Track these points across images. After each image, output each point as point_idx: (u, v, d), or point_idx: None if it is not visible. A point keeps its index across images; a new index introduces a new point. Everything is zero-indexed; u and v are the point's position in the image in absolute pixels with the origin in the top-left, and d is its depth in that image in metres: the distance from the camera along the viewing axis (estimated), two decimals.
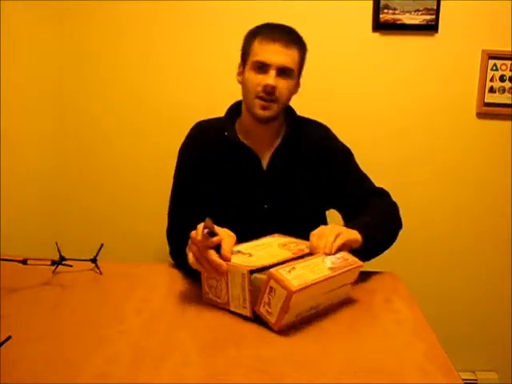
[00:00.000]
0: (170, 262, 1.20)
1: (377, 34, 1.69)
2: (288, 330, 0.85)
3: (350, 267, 0.93)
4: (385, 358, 0.78)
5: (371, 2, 1.66)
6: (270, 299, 0.83)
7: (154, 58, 1.72)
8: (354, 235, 1.01)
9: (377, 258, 1.76)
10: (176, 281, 1.07)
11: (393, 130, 1.76)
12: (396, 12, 1.65)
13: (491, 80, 1.70)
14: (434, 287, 1.80)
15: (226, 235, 0.91)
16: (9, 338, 0.75)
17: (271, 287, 0.82)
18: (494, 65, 1.69)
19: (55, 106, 1.74)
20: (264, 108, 1.15)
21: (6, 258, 1.05)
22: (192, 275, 1.00)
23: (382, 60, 1.71)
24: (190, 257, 0.91)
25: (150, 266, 1.18)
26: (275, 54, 1.13)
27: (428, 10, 1.65)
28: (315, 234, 0.98)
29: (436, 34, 1.68)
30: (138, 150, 1.77)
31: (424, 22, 1.66)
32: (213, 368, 0.75)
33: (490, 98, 1.71)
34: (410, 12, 1.65)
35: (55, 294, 1.02)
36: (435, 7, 1.64)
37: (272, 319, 0.84)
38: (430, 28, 1.66)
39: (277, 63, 1.13)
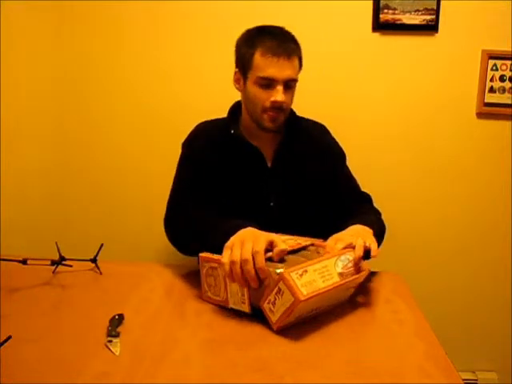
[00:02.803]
0: (170, 262, 1.20)
1: (377, 34, 1.69)
2: (288, 329, 0.85)
3: (358, 275, 0.92)
4: (385, 357, 0.78)
5: (371, 2, 1.66)
6: (276, 299, 0.83)
7: (154, 57, 1.72)
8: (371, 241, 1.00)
9: (377, 258, 1.77)
10: (176, 281, 1.07)
11: (393, 130, 1.76)
12: (396, 12, 1.65)
13: (491, 80, 1.70)
14: (434, 287, 1.80)
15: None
16: (9, 338, 0.75)
17: (280, 289, 0.82)
18: (494, 65, 1.69)
19: (55, 106, 1.74)
20: (273, 120, 1.17)
21: (5, 258, 1.05)
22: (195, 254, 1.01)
23: (382, 60, 1.71)
24: (226, 257, 0.89)
25: (150, 266, 1.17)
26: (281, 69, 1.12)
27: (428, 10, 1.65)
28: (335, 238, 0.98)
29: (436, 34, 1.68)
30: (138, 150, 1.77)
31: (424, 22, 1.66)
32: (213, 368, 0.75)
33: (489, 98, 1.70)
34: (409, 12, 1.65)
35: (55, 294, 1.02)
36: (435, 7, 1.64)
37: (273, 318, 0.84)
38: (430, 28, 1.66)
39: (284, 78, 1.13)
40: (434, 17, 1.65)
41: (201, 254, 0.96)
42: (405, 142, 1.77)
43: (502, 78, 1.70)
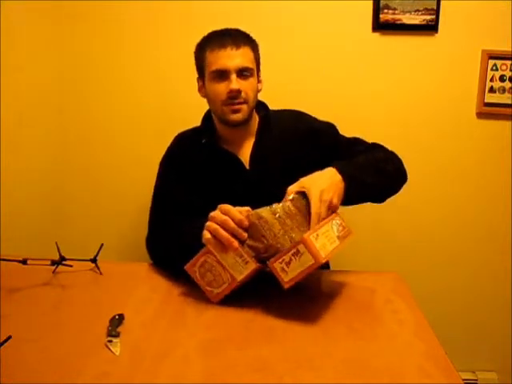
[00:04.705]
0: None
1: (377, 34, 1.69)
2: (288, 329, 0.85)
3: (348, 236, 0.98)
4: (385, 357, 0.78)
5: (371, 2, 1.66)
6: (291, 260, 0.85)
7: (154, 57, 1.72)
8: (340, 189, 1.01)
9: (377, 258, 1.78)
10: (176, 281, 1.07)
11: (393, 130, 1.76)
12: (396, 12, 1.65)
13: (491, 80, 1.70)
14: (435, 287, 1.80)
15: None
16: (9, 338, 0.75)
17: (298, 250, 0.84)
18: (494, 65, 1.69)
19: (55, 106, 1.74)
20: (235, 112, 1.17)
21: (5, 258, 1.05)
22: (181, 273, 0.99)
23: (382, 60, 1.71)
24: (207, 233, 0.93)
25: (150, 266, 1.17)
26: (230, 58, 1.14)
27: (428, 10, 1.65)
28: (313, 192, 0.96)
29: (436, 34, 1.68)
30: (139, 150, 1.77)
31: (424, 22, 1.66)
32: (213, 368, 0.75)
33: (489, 98, 1.71)
34: (409, 12, 1.65)
35: (55, 294, 1.02)
36: (435, 7, 1.64)
37: (285, 278, 0.86)
38: (430, 28, 1.66)
39: (235, 66, 1.14)
40: (434, 17, 1.65)
41: (185, 266, 0.96)
42: (405, 141, 1.77)
43: (502, 78, 1.70)
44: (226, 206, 0.94)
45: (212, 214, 0.95)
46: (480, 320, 1.83)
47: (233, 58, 1.14)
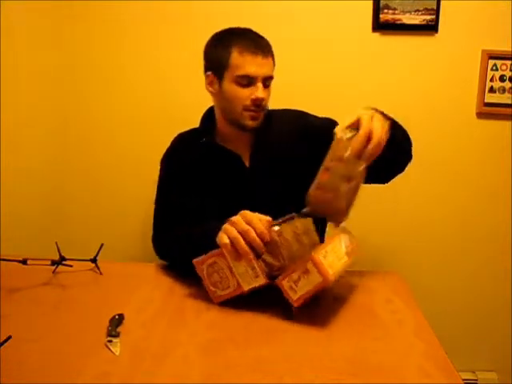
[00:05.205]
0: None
1: (377, 34, 1.69)
2: (287, 329, 0.85)
3: (356, 251, 0.98)
4: (385, 357, 0.78)
5: (371, 2, 1.66)
6: (299, 278, 0.85)
7: (154, 57, 1.72)
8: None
9: (377, 258, 1.77)
10: (176, 281, 1.07)
11: None
12: (396, 12, 1.65)
13: (491, 80, 1.70)
14: (435, 287, 1.80)
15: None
16: (9, 338, 0.75)
17: (307, 269, 0.84)
18: (494, 65, 1.69)
19: (55, 106, 1.74)
20: (254, 118, 1.18)
21: (5, 258, 1.06)
22: (189, 272, 0.99)
23: (382, 60, 1.71)
24: (225, 238, 0.91)
25: (150, 266, 1.17)
26: (259, 66, 1.14)
27: (428, 10, 1.65)
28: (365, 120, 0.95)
29: (436, 34, 1.68)
30: (139, 150, 1.77)
31: (424, 22, 1.66)
32: (213, 368, 0.75)
33: (489, 98, 1.71)
34: (409, 12, 1.65)
35: (55, 294, 1.02)
36: (435, 7, 1.64)
37: (294, 296, 0.86)
38: (430, 28, 1.66)
39: (263, 75, 1.14)
40: (434, 17, 1.65)
41: (194, 260, 0.95)
42: None
43: (502, 78, 1.70)
44: (249, 214, 0.92)
45: (233, 219, 0.92)
46: (480, 320, 1.83)
47: (262, 66, 1.14)
